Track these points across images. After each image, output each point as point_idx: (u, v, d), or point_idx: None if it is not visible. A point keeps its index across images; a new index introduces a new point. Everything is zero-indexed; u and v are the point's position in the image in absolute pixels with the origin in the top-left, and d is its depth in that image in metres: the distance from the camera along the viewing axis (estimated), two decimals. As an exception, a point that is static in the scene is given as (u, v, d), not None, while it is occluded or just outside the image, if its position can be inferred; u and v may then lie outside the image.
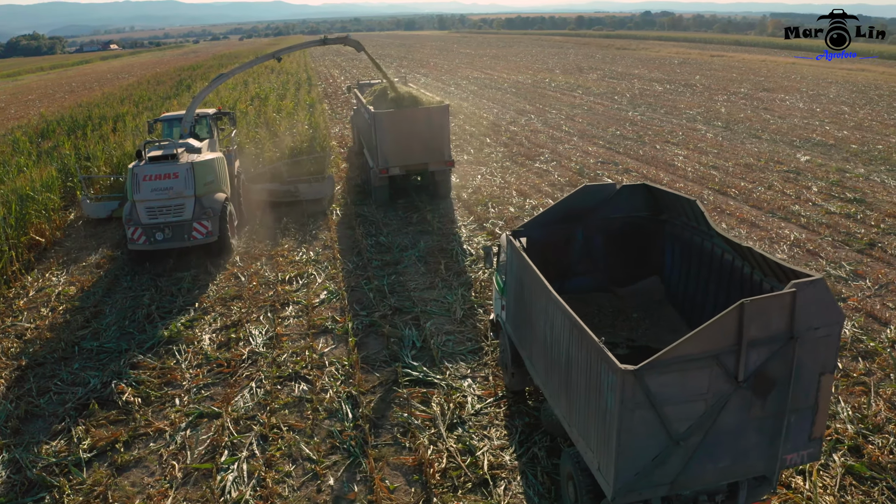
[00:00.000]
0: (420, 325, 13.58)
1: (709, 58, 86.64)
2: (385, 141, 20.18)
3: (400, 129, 20.23)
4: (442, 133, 20.51)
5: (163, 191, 16.87)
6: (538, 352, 8.87)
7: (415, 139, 20.33)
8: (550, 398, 8.56)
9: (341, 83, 63.56)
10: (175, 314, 14.82)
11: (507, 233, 10.03)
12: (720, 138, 31.18)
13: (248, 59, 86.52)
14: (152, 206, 16.89)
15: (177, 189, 16.90)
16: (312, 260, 17.48)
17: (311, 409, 10.98)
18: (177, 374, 12.26)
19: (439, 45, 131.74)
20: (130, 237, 17.06)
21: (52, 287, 16.80)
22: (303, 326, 13.93)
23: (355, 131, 29.44)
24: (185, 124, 19.51)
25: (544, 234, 10.25)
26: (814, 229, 18.26)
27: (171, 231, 16.95)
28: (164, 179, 16.88)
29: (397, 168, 20.73)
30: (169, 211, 16.93)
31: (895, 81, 54.24)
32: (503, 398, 11.03)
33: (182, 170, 16.95)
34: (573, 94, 49.96)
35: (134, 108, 39.54)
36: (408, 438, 10.16)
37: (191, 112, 19.65)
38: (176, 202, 16.92)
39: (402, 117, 20.39)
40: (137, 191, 16.88)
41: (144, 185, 16.84)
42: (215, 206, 17.41)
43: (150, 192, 16.86)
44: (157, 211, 16.91)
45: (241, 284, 16.25)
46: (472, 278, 15.68)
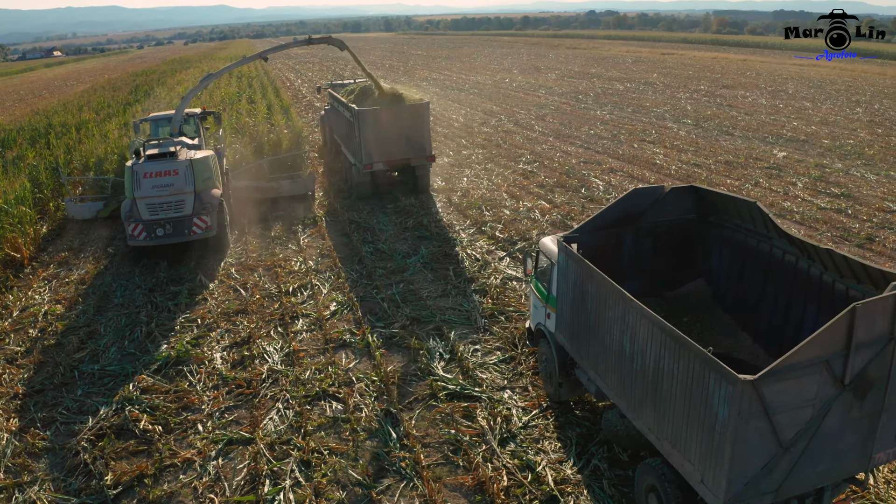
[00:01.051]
0: (443, 335, 13.12)
1: (660, 56, 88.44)
2: (369, 137, 20.62)
3: (383, 125, 20.70)
4: (423, 129, 21.13)
5: (164, 187, 17.16)
6: (609, 363, 8.56)
7: (398, 135, 20.87)
8: (628, 410, 8.25)
9: (298, 86, 62.44)
10: (178, 332, 14.00)
11: (560, 238, 9.68)
12: (693, 136, 31.58)
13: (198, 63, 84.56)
14: (153, 203, 17.16)
15: (177, 185, 17.19)
16: (313, 270, 16.82)
17: (349, 429, 10.41)
18: (193, 398, 11.51)
19: (389, 46, 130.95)
20: (131, 234, 17.30)
21: (37, 306, 15.71)
22: (318, 341, 13.31)
23: (326, 131, 29.51)
24: (174, 123, 19.70)
25: (595, 238, 9.95)
26: (810, 225, 18.52)
27: (171, 227, 17.28)
28: (164, 176, 17.16)
29: (381, 163, 21.24)
30: (170, 207, 17.22)
31: (849, 77, 56.15)
32: (548, 409, 10.69)
33: (182, 167, 17.24)
34: (537, 94, 50.08)
35: (95, 115, 37.84)
36: (460, 456, 9.71)
37: (180, 111, 19.83)
38: (176, 198, 17.24)
39: (385, 114, 20.79)
40: (138, 188, 17.09)
41: (145, 183, 17.08)
42: (213, 202, 17.73)
43: (151, 188, 17.12)
44: (157, 207, 17.19)
45: (241, 298, 15.49)
46: (486, 284, 15.29)
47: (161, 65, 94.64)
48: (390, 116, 20.91)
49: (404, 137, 21.06)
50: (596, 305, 8.76)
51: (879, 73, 57.74)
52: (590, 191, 22.34)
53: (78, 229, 21.17)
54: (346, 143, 23.51)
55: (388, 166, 21.58)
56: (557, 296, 9.93)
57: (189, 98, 20.37)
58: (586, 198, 21.56)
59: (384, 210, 21.46)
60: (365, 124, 20.51)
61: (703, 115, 37.29)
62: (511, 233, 18.53)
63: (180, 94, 40.00)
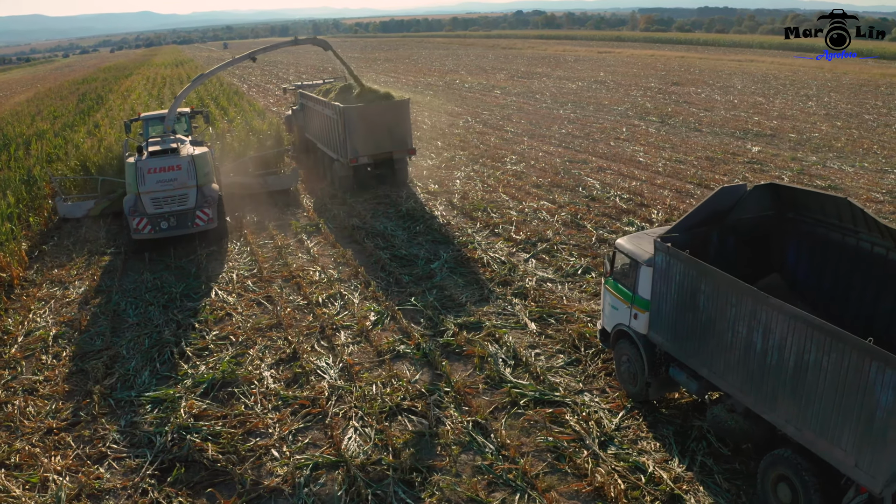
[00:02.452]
0: (500, 340, 12.81)
1: (597, 54, 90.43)
2: (355, 133, 21.62)
3: (368, 121, 21.74)
4: (405, 124, 22.52)
5: (167, 182, 17.79)
6: (730, 359, 8.56)
7: (381, 130, 22.01)
8: (757, 404, 8.29)
9: (245, 91, 60.72)
10: (212, 351, 13.16)
11: (657, 239, 9.59)
12: (664, 133, 32.27)
13: (137, 70, 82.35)
14: (157, 197, 17.80)
15: (181, 180, 17.85)
16: (336, 279, 16.18)
17: (440, 444, 9.98)
18: (256, 421, 10.80)
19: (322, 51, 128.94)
20: (135, 228, 17.81)
21: (43, 329, 14.50)
22: (369, 353, 12.76)
23: (295, 130, 29.98)
24: (168, 122, 20.28)
25: (686, 238, 9.89)
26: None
27: (175, 219, 17.93)
28: (168, 171, 17.79)
29: (366, 157, 22.29)
30: (174, 200, 17.90)
31: (788, 71, 58.65)
32: (634, 409, 10.56)
33: (184, 162, 17.91)
34: (493, 95, 50.24)
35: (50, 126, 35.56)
36: (566, 463, 9.45)
37: (174, 111, 20.52)
38: (180, 192, 17.91)
39: (369, 111, 21.91)
40: (143, 183, 17.67)
41: (149, 178, 17.69)
42: (214, 195, 18.45)
43: (156, 183, 17.73)
44: (162, 201, 17.83)
45: (269, 311, 14.73)
46: (524, 287, 15.05)
47: (97, 72, 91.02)
48: (374, 113, 21.93)
49: (387, 132, 22.11)
50: (712, 303, 8.74)
51: (817, 68, 60.63)
52: (587, 190, 22.43)
53: (64, 236, 19.89)
54: (325, 140, 24.28)
55: (373, 160, 22.54)
56: (652, 296, 9.86)
57: (181, 98, 20.97)
58: (587, 197, 21.63)
59: (387, 215, 20.94)
60: (350, 121, 21.41)
61: (665, 113, 38.20)
62: (526, 234, 18.36)
63: (134, 100, 38.40)
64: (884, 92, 44.55)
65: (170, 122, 20.33)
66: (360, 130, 21.68)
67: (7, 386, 12.56)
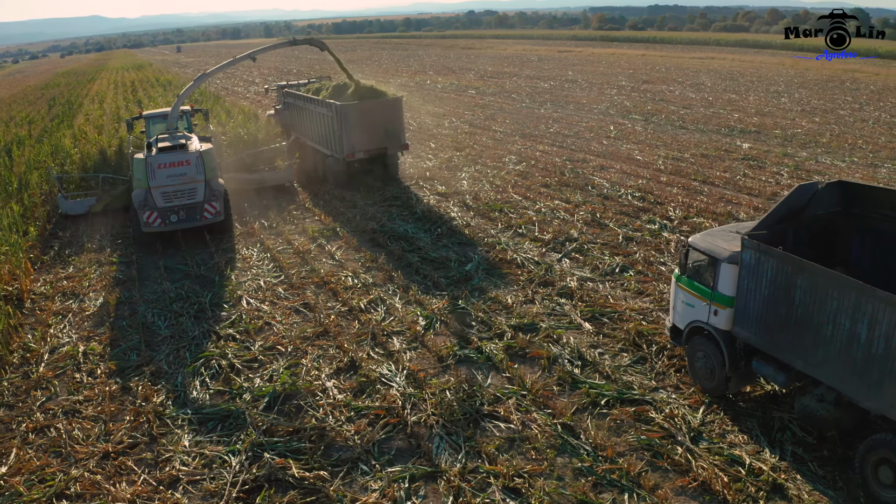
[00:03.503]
0: (560, 341, 12.71)
1: (558, 53, 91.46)
2: (352, 130, 22.43)
3: (364, 118, 22.58)
4: (399, 121, 23.45)
5: (177, 177, 18.36)
6: (830, 351, 8.80)
7: (377, 127, 22.87)
8: (859, 393, 8.54)
9: (212, 92, 59.24)
10: (263, 362, 12.70)
11: (745, 237, 9.72)
12: (651, 131, 32.71)
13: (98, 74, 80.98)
14: (167, 191, 18.35)
15: (190, 175, 18.44)
16: (371, 284, 15.84)
17: (533, 448, 9.82)
18: (333, 434, 10.43)
19: (281, 52, 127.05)
20: (146, 221, 18.31)
21: (70, 346, 13.78)
22: (429, 358, 12.51)
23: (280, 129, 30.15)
24: (171, 120, 20.69)
25: (767, 235, 10.03)
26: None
27: (184, 213, 18.52)
28: (177, 167, 18.35)
29: (362, 153, 23.08)
30: (183, 194, 18.48)
31: (751, 67, 60.28)
32: (712, 404, 10.62)
33: (193, 157, 18.50)
34: (469, 95, 50.27)
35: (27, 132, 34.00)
36: (664, 461, 9.42)
37: (176, 109, 20.98)
38: (189, 186, 18.51)
39: (365, 108, 22.73)
40: (153, 178, 18.24)
41: (159, 173, 18.26)
42: (220, 189, 19.05)
43: (166, 178, 18.28)
44: (172, 195, 18.39)
45: (310, 319, 14.32)
46: (567, 287, 14.98)
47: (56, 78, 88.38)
48: (370, 110, 22.79)
49: (382, 128, 22.99)
50: (810, 297, 8.91)
51: (778, 64, 62.49)
52: (597, 189, 22.53)
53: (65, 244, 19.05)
54: (317, 138, 24.81)
55: (368, 155, 23.35)
56: (738, 292, 9.99)
57: (184, 97, 21.68)
58: (599, 196, 21.73)
59: (402, 217, 20.66)
60: (347, 118, 22.23)
61: (645, 111, 38.77)
62: (551, 233, 18.32)
63: (108, 104, 37.20)
64: (849, 87, 46.17)
65: (173, 119, 20.74)
66: (356, 127, 22.43)
67: (44, 408, 11.86)
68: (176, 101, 21.60)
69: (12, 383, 12.77)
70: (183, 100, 21.64)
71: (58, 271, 18.37)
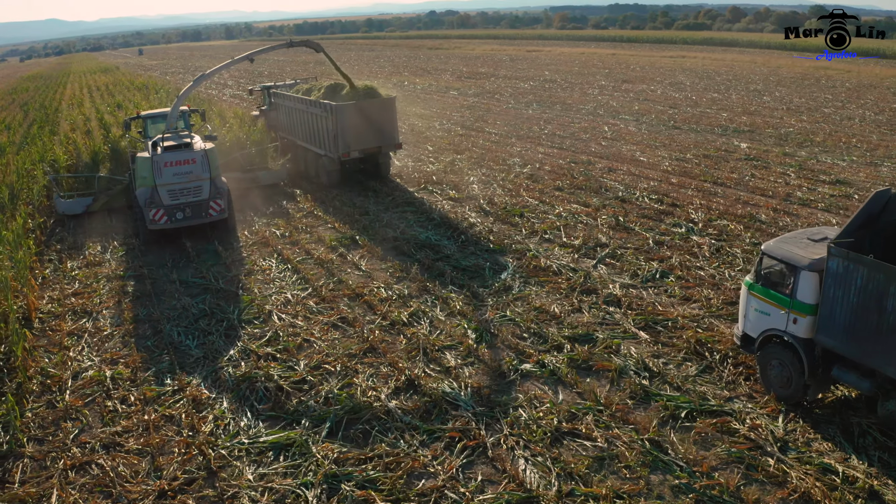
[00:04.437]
0: (622, 353, 12.37)
1: (527, 53, 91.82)
2: (347, 129, 22.81)
3: (359, 118, 22.96)
4: (392, 120, 24.05)
5: (183, 175, 18.66)
6: None
7: (371, 126, 23.39)
8: None
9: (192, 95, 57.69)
10: (312, 383, 12.05)
11: (831, 244, 9.64)
12: (646, 131, 32.73)
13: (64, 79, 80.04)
14: (174, 189, 18.68)
15: (195, 173, 18.76)
16: (407, 295, 15.28)
17: (623, 466, 9.44)
18: (412, 461, 9.87)
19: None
20: (152, 218, 18.60)
21: (95, 370, 12.91)
22: (489, 373, 12.04)
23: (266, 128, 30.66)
24: (171, 120, 20.89)
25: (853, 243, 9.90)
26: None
27: (190, 210, 18.84)
28: (183, 165, 18.65)
29: (357, 152, 23.55)
30: (189, 192, 18.81)
31: (723, 66, 61.14)
32: (790, 412, 10.44)
33: (199, 155, 18.81)
34: (451, 96, 49.89)
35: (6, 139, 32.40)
36: (758, 473, 9.18)
37: (176, 109, 21.20)
38: (195, 184, 18.84)
39: (360, 108, 23.09)
40: (160, 176, 18.51)
41: (166, 171, 18.53)
42: (224, 187, 19.46)
43: (172, 176, 18.58)
44: (178, 193, 18.71)
45: (353, 335, 13.70)
46: (613, 294, 14.67)
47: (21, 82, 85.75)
48: (365, 110, 23.17)
49: (377, 128, 23.50)
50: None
51: (750, 62, 63.52)
52: (612, 191, 22.31)
53: (66, 256, 18.02)
54: (310, 138, 25.20)
55: (363, 154, 23.82)
56: (823, 300, 9.86)
57: (184, 97, 21.91)
58: (615, 198, 21.51)
59: (421, 223, 20.15)
60: (343, 117, 22.63)
61: (633, 111, 38.87)
62: (580, 239, 18.00)
63: (87, 109, 35.88)
64: (825, 85, 47.10)
65: (172, 119, 20.94)
66: (351, 127, 22.86)
67: (78, 442, 11.02)
68: (175, 101, 21.68)
69: (37, 414, 11.88)
70: (183, 100, 21.75)
71: (63, 287, 17.40)
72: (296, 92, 27.29)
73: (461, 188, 23.58)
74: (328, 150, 24.00)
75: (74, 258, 19.45)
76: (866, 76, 52.37)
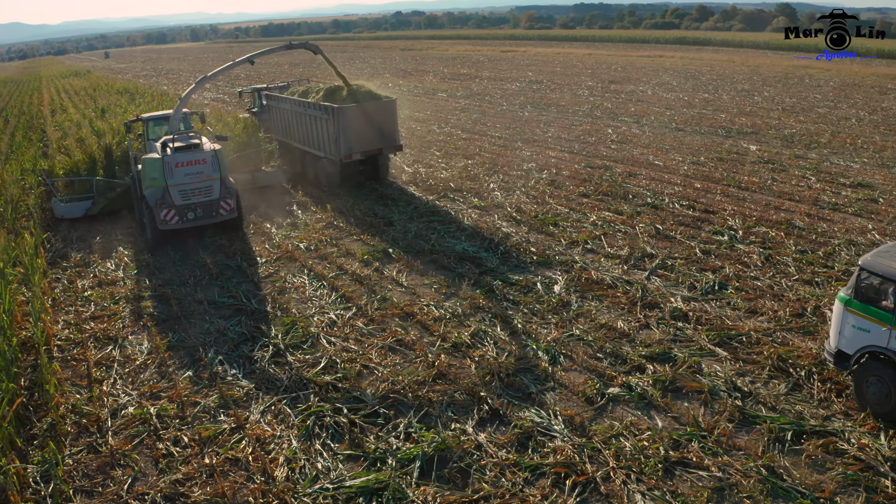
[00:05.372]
0: (705, 372, 11.88)
1: (501, 53, 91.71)
2: (350, 131, 23.01)
3: (361, 120, 23.16)
4: (393, 122, 24.35)
5: (194, 175, 18.95)
6: None
7: (373, 128, 23.56)
8: None
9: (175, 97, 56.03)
10: (388, 416, 11.29)
11: None
12: (651, 134, 32.53)
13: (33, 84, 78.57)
14: (185, 189, 18.96)
15: (206, 173, 19.08)
16: (462, 314, 14.58)
17: (745, 497, 8.92)
18: (516, 501, 9.22)
19: (214, 56, 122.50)
20: (163, 219, 18.81)
21: (136, 407, 11.91)
22: (574, 399, 11.41)
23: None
24: (174, 122, 20.86)
25: None
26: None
27: (201, 210, 19.16)
28: (194, 165, 18.93)
29: (359, 154, 23.67)
30: (200, 192, 19.13)
31: (701, 65, 61.58)
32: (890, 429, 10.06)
33: (209, 156, 19.11)
34: (440, 98, 49.27)
35: None
36: (879, 495, 8.79)
37: (179, 111, 21.21)
38: (206, 184, 19.14)
39: (362, 110, 23.28)
40: (171, 176, 18.77)
41: (177, 171, 18.81)
42: (233, 187, 19.85)
43: (184, 176, 18.85)
44: (189, 193, 19.02)
45: (415, 359, 12.96)
46: (678, 309, 14.18)
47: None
48: (367, 112, 23.39)
49: (378, 129, 23.72)
50: None
51: (727, 61, 64.16)
52: (640, 198, 21.86)
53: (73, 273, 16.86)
54: (308, 140, 25.42)
55: (364, 155, 23.95)
56: None
57: (186, 99, 21.74)
58: (645, 205, 21.08)
59: (451, 233, 19.47)
60: (346, 120, 22.84)
61: (629, 112, 38.72)
62: (625, 249, 17.48)
63: (72, 114, 34.48)
64: (809, 84, 47.68)
65: (176, 121, 20.94)
66: (354, 128, 23.06)
67: (135, 493, 9.97)
68: (178, 103, 21.74)
69: (78, 460, 10.72)
70: (185, 102, 21.81)
71: (78, 309, 16.28)
72: (291, 94, 27.33)
73: (483, 195, 22.96)
74: (328, 153, 24.13)
75: (84, 276, 18.34)
76: (846, 75, 53.24)
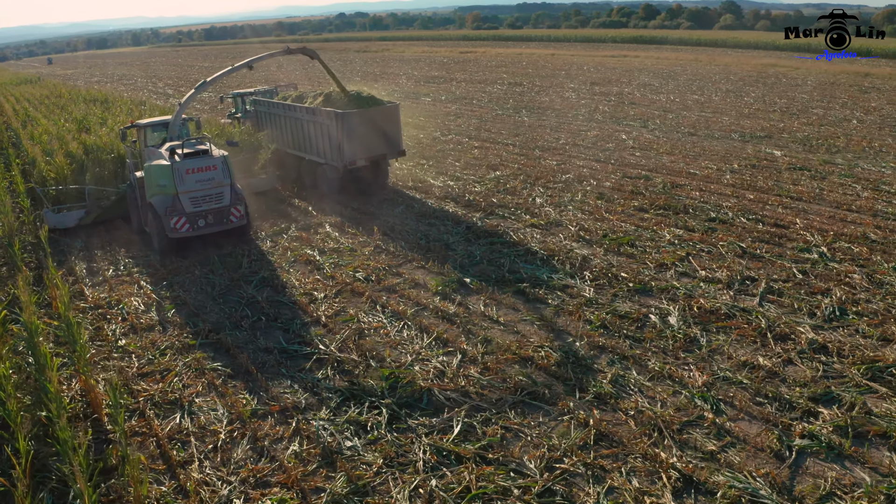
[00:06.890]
0: (876, 411, 10.95)
1: (460, 54, 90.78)
2: (353, 137, 22.72)
3: (365, 126, 22.89)
4: (397, 127, 24.00)
5: (205, 181, 18.78)
6: None
7: (377, 134, 23.32)
8: None
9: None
10: (562, 493, 9.93)
11: None
12: (664, 138, 31.87)
13: None
14: (196, 196, 18.76)
15: (217, 179, 18.92)
16: (583, 356, 13.23)
17: None
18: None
19: (165, 60, 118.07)
20: (173, 227, 18.59)
21: (238, 495, 10.09)
22: (751, 451, 10.24)
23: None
24: (174, 128, 20.67)
25: None
26: None
27: (212, 217, 18.99)
28: (205, 171, 18.73)
29: (363, 160, 23.47)
30: (211, 199, 18.96)
31: (676, 65, 61.94)
32: None
33: (219, 162, 18.93)
34: (426, 103, 47.82)
35: None
36: None
37: (178, 118, 20.99)
38: (217, 191, 18.98)
39: (366, 116, 23.02)
40: (182, 183, 18.52)
41: (188, 178, 18.59)
42: (241, 193, 19.66)
43: (194, 183, 18.65)
44: (200, 200, 18.84)
45: (556, 415, 11.61)
46: (815, 341, 13.22)
47: None
48: (371, 117, 23.11)
49: (382, 135, 23.47)
50: None
51: (693, 60, 64.69)
52: (702, 212, 20.78)
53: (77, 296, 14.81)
54: (307, 146, 24.86)
55: (369, 161, 23.78)
56: None
57: (186, 105, 21.47)
58: (713, 220, 20.13)
59: (521, 257, 18.00)
60: (350, 126, 22.51)
61: (631, 116, 38.16)
62: (723, 272, 16.45)
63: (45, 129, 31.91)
64: (788, 83, 48.25)
65: (175, 127, 20.68)
66: (358, 134, 22.74)
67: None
68: (178, 109, 21.52)
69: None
70: (185, 108, 21.61)
71: (118, 364, 14.17)
72: (283, 99, 26.89)
73: (533, 212, 21.69)
74: (330, 159, 23.59)
75: (111, 318, 16.18)
76: (816, 72, 54.24)
